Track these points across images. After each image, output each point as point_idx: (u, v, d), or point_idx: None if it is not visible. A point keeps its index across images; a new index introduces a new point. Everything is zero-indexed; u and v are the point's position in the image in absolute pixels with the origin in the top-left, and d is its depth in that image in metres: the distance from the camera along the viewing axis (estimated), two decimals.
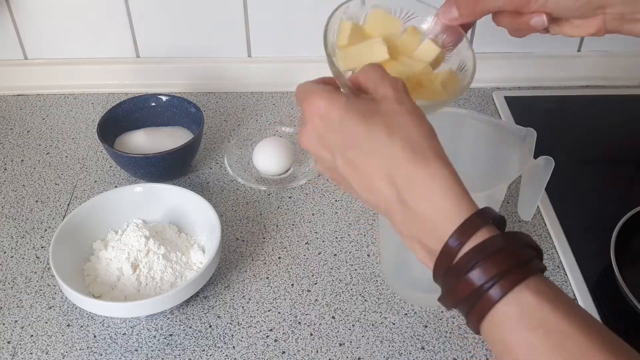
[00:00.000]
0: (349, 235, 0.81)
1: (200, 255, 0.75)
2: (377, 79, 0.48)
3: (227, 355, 0.67)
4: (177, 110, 0.92)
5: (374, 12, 0.58)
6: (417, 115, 0.45)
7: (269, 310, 0.72)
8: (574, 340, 0.38)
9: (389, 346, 0.68)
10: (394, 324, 0.70)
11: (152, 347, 0.68)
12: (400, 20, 0.59)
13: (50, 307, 0.73)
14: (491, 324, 0.41)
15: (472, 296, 0.41)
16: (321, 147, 0.48)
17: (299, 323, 0.71)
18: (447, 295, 0.43)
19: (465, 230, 0.42)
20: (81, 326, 0.70)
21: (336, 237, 0.80)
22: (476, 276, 0.41)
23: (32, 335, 0.70)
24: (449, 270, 0.42)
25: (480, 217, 0.42)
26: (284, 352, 0.68)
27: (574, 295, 0.73)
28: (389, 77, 0.48)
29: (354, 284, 0.75)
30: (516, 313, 0.40)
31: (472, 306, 0.41)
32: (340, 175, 0.48)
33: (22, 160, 0.93)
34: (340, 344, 0.68)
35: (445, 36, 0.58)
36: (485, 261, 0.40)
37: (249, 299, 0.73)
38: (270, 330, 0.70)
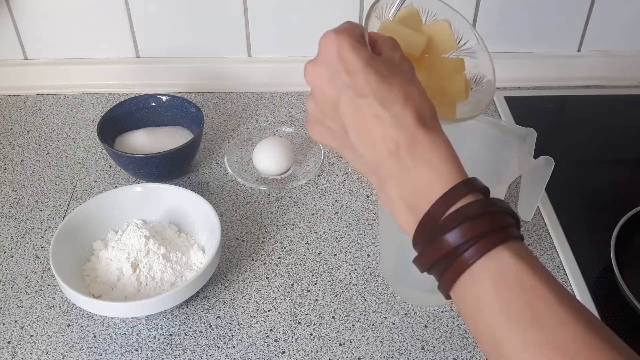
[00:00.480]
0: (349, 235, 0.81)
1: (200, 255, 0.75)
2: (395, 47, 0.48)
3: (227, 355, 0.67)
4: (177, 110, 0.92)
5: (439, 23, 0.57)
6: (425, 92, 0.47)
7: (269, 310, 0.72)
8: (546, 301, 0.39)
9: (389, 346, 0.68)
10: (394, 324, 0.70)
11: (152, 347, 0.68)
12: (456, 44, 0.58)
13: (50, 307, 0.73)
14: (467, 282, 0.42)
15: (451, 254, 0.42)
16: (328, 82, 0.46)
17: (299, 323, 0.71)
18: (425, 254, 0.44)
19: (456, 192, 0.43)
20: (81, 326, 0.70)
21: (336, 237, 0.80)
22: (457, 235, 0.42)
23: (32, 335, 0.70)
24: (432, 229, 0.43)
25: (469, 185, 0.44)
26: (284, 352, 0.68)
27: (574, 295, 0.73)
28: (404, 53, 0.49)
29: (354, 284, 0.75)
30: (494, 271, 0.41)
31: (450, 264, 0.42)
32: (334, 118, 0.47)
33: (22, 160, 0.93)
34: (340, 344, 0.68)
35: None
36: (468, 222, 0.42)
37: (249, 299, 0.73)
38: (270, 330, 0.70)
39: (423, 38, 0.55)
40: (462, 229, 0.42)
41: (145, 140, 0.89)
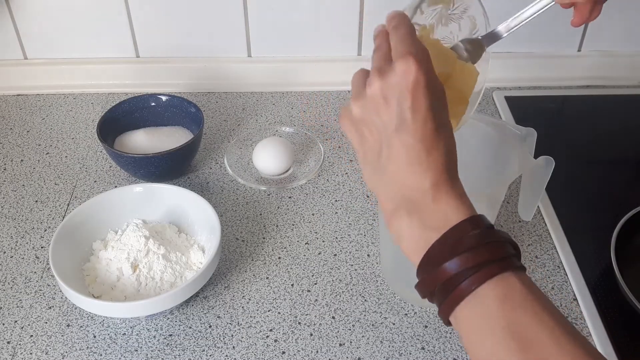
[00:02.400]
0: (349, 235, 0.81)
1: (200, 255, 0.75)
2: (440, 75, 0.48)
3: (227, 356, 0.67)
4: (177, 110, 0.92)
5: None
6: (454, 138, 0.49)
7: (269, 310, 0.72)
8: (547, 325, 0.41)
9: (389, 346, 0.68)
10: (394, 324, 0.70)
11: (152, 347, 0.68)
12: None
13: (50, 307, 0.72)
14: (472, 302, 0.43)
15: (451, 281, 0.43)
16: (389, 106, 0.46)
17: (299, 323, 0.71)
18: (425, 281, 0.46)
19: (460, 227, 0.45)
20: (81, 326, 0.70)
21: (336, 237, 0.80)
22: (457, 264, 0.43)
23: (31, 336, 0.70)
24: (433, 259, 0.45)
25: (473, 221, 0.46)
26: (284, 352, 0.68)
27: (574, 295, 0.73)
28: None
29: (354, 284, 0.75)
30: (500, 293, 0.42)
31: (451, 291, 0.44)
32: (375, 136, 0.47)
33: (22, 160, 0.93)
34: (340, 344, 0.68)
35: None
36: (467, 252, 0.43)
37: (249, 299, 0.73)
38: (270, 330, 0.70)
39: (456, 60, 0.56)
40: (462, 258, 0.43)
41: (145, 140, 0.89)
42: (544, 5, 0.57)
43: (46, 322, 0.71)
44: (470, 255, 0.43)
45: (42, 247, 0.80)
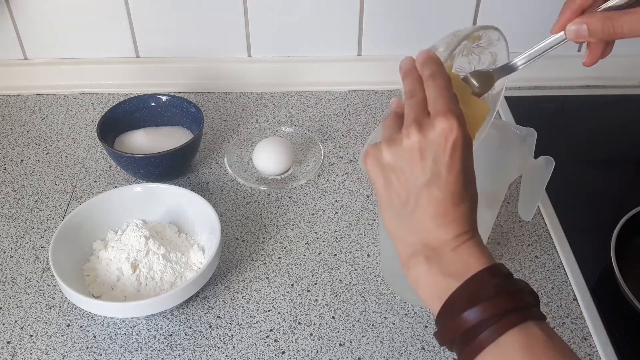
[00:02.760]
0: (349, 235, 0.81)
1: (200, 255, 0.75)
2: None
3: (227, 356, 0.67)
4: (177, 110, 0.92)
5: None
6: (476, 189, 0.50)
7: (269, 310, 0.72)
8: None
9: (389, 346, 0.68)
10: (394, 324, 0.70)
11: (152, 347, 0.68)
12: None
13: (50, 307, 0.72)
14: (493, 351, 0.43)
15: (471, 331, 0.44)
16: (424, 160, 0.47)
17: (299, 323, 0.71)
18: (444, 330, 0.46)
19: (478, 278, 0.46)
20: (81, 326, 0.70)
21: (336, 237, 0.80)
22: (476, 313, 0.44)
23: (31, 336, 0.70)
24: (452, 308, 0.45)
25: (492, 271, 0.47)
26: (284, 352, 0.68)
27: (574, 295, 0.73)
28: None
29: (354, 284, 0.75)
30: (523, 341, 0.43)
31: (470, 341, 0.44)
32: (405, 187, 0.48)
33: (22, 160, 0.93)
34: (340, 344, 0.68)
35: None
36: (486, 302, 0.44)
37: (249, 299, 0.73)
38: (270, 330, 0.70)
39: (481, 103, 0.56)
40: (482, 307, 0.44)
41: (145, 140, 0.89)
42: (557, 41, 0.57)
43: (46, 322, 0.71)
44: (489, 305, 0.44)
45: (42, 247, 0.80)
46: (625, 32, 0.51)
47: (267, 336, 0.69)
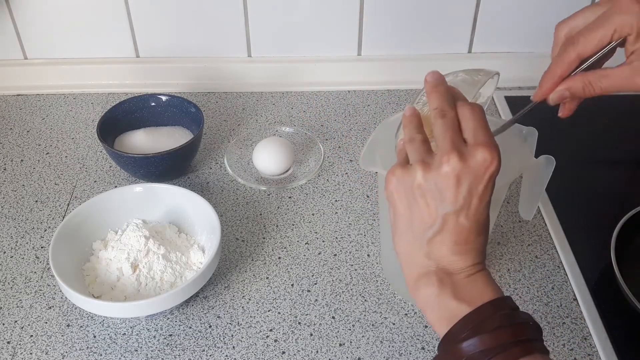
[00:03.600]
0: (349, 235, 0.81)
1: (200, 255, 0.75)
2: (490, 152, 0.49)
3: (227, 356, 0.67)
4: (177, 110, 0.92)
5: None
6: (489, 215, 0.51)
7: (269, 310, 0.72)
8: None
9: (389, 346, 0.68)
10: (394, 324, 0.70)
11: (152, 347, 0.68)
12: None
13: (50, 307, 0.72)
14: None
15: (479, 358, 0.44)
16: (459, 186, 0.47)
17: (299, 323, 0.71)
18: (440, 358, 0.47)
19: (481, 311, 0.46)
20: (81, 326, 0.70)
21: (336, 237, 0.80)
22: (474, 344, 0.45)
23: (31, 336, 0.69)
24: (452, 339, 0.46)
25: (496, 305, 0.47)
26: (284, 352, 0.68)
27: (574, 295, 0.73)
28: None
29: (354, 284, 0.75)
30: None
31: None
32: (429, 211, 0.48)
33: (22, 160, 0.93)
34: (340, 344, 0.68)
35: None
36: (485, 334, 0.45)
37: (249, 299, 0.73)
38: (270, 330, 0.70)
39: None
40: (481, 338, 0.44)
41: (145, 140, 0.89)
42: (532, 106, 0.59)
43: (46, 322, 0.71)
44: (490, 337, 0.44)
45: (42, 247, 0.80)
46: (605, 91, 0.54)
47: (267, 336, 0.69)
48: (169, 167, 0.86)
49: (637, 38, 0.52)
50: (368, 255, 0.78)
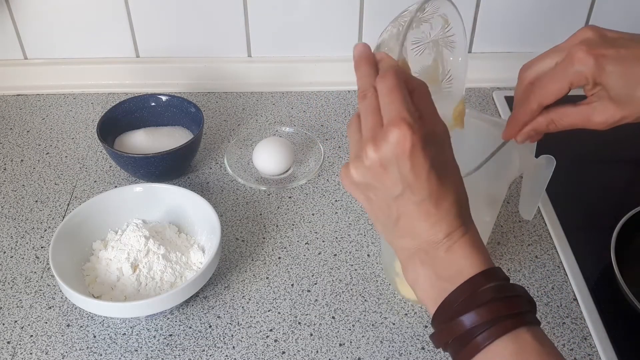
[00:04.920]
0: (349, 235, 0.81)
1: (200, 255, 0.75)
2: (435, 114, 0.48)
3: (227, 356, 0.67)
4: (177, 110, 0.92)
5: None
6: (462, 181, 0.49)
7: (269, 310, 0.72)
8: None
9: (389, 346, 0.68)
10: (394, 324, 0.70)
11: (152, 347, 0.68)
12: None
13: (50, 307, 0.72)
14: (484, 358, 0.44)
15: (467, 335, 0.44)
16: (390, 174, 0.46)
17: (299, 323, 0.71)
18: (441, 333, 0.46)
19: (474, 281, 0.46)
20: (81, 326, 0.70)
21: (336, 237, 0.80)
22: (473, 318, 0.44)
23: (31, 336, 0.69)
24: (449, 311, 0.45)
25: (487, 275, 0.46)
26: (284, 352, 0.68)
27: (574, 295, 0.73)
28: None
29: (354, 284, 0.75)
30: (513, 350, 0.43)
31: (465, 344, 0.44)
32: (382, 200, 0.47)
33: (22, 160, 0.93)
34: (340, 344, 0.68)
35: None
36: (483, 306, 0.44)
37: (249, 299, 0.73)
38: (270, 330, 0.70)
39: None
40: (477, 312, 0.44)
41: (145, 140, 0.89)
42: (504, 144, 0.62)
43: (46, 322, 0.71)
44: (484, 310, 0.44)
45: (42, 247, 0.80)
46: (566, 128, 0.58)
47: (267, 336, 0.69)
48: (169, 167, 0.86)
49: (594, 86, 0.55)
50: (368, 255, 0.78)
